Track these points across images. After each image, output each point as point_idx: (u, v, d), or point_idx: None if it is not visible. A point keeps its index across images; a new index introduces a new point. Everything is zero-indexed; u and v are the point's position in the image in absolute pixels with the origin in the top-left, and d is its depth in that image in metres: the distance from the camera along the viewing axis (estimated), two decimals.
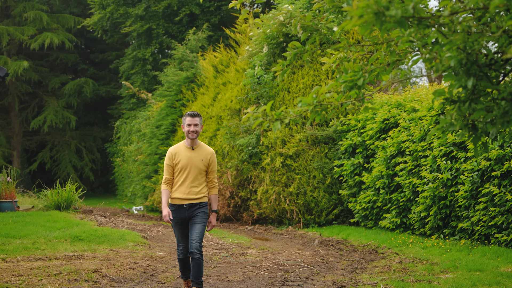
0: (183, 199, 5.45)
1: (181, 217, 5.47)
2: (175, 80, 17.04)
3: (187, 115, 5.54)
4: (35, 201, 13.61)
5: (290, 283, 6.18)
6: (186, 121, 5.53)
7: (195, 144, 5.56)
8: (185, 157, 5.50)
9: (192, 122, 5.51)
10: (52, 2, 27.65)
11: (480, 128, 3.27)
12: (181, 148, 5.58)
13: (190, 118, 5.51)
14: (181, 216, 5.47)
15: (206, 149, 5.59)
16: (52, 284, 5.88)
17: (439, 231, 8.65)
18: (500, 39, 3.05)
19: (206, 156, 5.54)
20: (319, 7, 3.78)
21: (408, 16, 2.66)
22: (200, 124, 5.55)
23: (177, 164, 5.49)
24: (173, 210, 5.48)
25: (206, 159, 5.54)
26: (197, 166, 5.48)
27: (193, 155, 5.50)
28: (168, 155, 5.58)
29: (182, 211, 5.46)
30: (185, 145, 5.59)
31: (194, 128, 5.51)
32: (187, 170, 5.47)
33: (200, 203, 5.50)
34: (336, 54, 3.70)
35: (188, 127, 5.52)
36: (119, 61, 27.01)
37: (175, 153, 5.54)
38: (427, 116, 8.89)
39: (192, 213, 5.46)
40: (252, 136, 12.25)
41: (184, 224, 5.51)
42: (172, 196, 5.51)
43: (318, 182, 11.54)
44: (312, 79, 12.10)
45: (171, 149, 5.61)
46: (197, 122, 5.52)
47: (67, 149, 27.04)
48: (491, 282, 5.81)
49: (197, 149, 5.56)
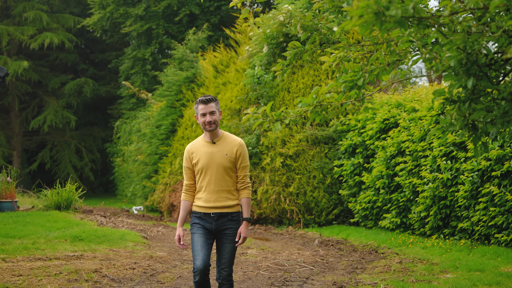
0: (210, 208, 4.29)
1: (206, 226, 4.31)
2: (175, 80, 17.04)
3: (199, 102, 4.28)
4: (35, 201, 13.61)
5: (290, 283, 6.18)
6: (199, 109, 4.28)
7: (215, 136, 4.34)
8: (204, 155, 4.31)
9: (207, 110, 4.25)
10: (52, 2, 27.65)
11: (480, 128, 3.27)
12: (199, 143, 4.40)
13: (203, 105, 4.26)
14: (206, 225, 4.30)
15: (231, 141, 4.36)
16: (52, 284, 5.88)
17: (439, 231, 8.65)
18: (500, 39, 3.05)
19: (231, 149, 4.32)
20: (319, 7, 3.78)
21: (408, 16, 2.66)
22: (217, 111, 4.30)
23: (197, 165, 4.33)
24: (197, 217, 4.34)
25: (232, 153, 4.31)
26: (221, 164, 4.28)
27: (215, 151, 4.31)
28: (185, 155, 4.42)
29: (208, 220, 4.30)
30: (204, 139, 4.39)
31: (210, 117, 4.25)
32: (210, 170, 4.30)
33: (232, 213, 4.30)
34: (336, 53, 3.70)
35: (203, 118, 4.27)
36: (118, 60, 27.00)
37: (192, 151, 4.37)
38: (427, 116, 8.89)
39: (220, 226, 4.28)
40: (252, 136, 12.25)
41: (208, 235, 4.31)
42: (196, 204, 4.37)
43: (318, 182, 11.55)
44: (312, 79, 12.11)
45: (188, 146, 4.43)
46: (213, 108, 4.27)
47: (67, 149, 27.04)
48: (491, 282, 5.81)
49: (219, 142, 4.35)
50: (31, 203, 13.32)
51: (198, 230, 4.28)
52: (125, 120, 23.71)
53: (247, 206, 4.31)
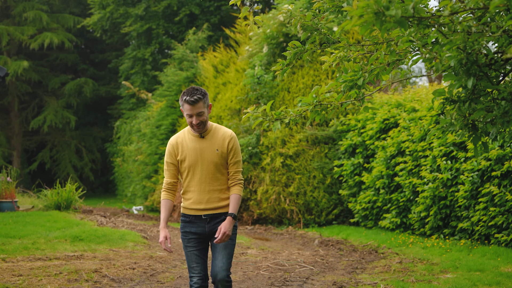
0: (201, 210, 3.88)
1: (198, 231, 3.89)
2: (175, 80, 17.05)
3: (185, 101, 3.77)
4: (35, 201, 13.60)
5: (290, 283, 6.18)
6: (185, 109, 3.81)
7: (204, 130, 3.90)
8: (192, 151, 3.85)
9: (194, 112, 3.78)
10: (52, 2, 27.64)
11: (480, 128, 3.27)
12: (185, 137, 3.91)
13: (189, 106, 3.77)
14: (198, 230, 3.89)
15: (222, 133, 3.90)
16: (52, 284, 5.88)
17: (439, 231, 8.65)
18: (500, 39, 3.05)
19: (222, 143, 3.86)
20: (319, 6, 3.78)
21: (408, 16, 2.66)
22: (206, 110, 3.82)
23: (183, 162, 3.88)
24: (187, 222, 3.92)
25: (223, 148, 3.85)
26: (212, 160, 3.83)
27: (204, 146, 3.85)
28: (168, 149, 3.93)
29: (200, 223, 3.89)
30: (191, 132, 3.91)
31: (197, 119, 3.80)
32: (199, 169, 3.85)
33: (225, 213, 3.90)
34: (336, 53, 3.70)
35: (189, 118, 3.82)
36: (118, 60, 27.01)
37: (177, 146, 3.90)
38: (427, 116, 8.89)
39: (214, 228, 3.89)
40: (252, 136, 12.25)
41: (202, 241, 3.92)
42: (185, 206, 3.93)
43: (318, 182, 11.55)
44: (312, 79, 12.11)
45: (172, 139, 3.94)
46: (201, 109, 3.78)
47: (67, 149, 27.03)
48: (491, 282, 5.81)
49: (208, 136, 3.89)
50: (31, 203, 13.31)
51: (190, 242, 3.88)
52: (125, 120, 23.71)
53: (235, 202, 3.86)
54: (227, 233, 3.77)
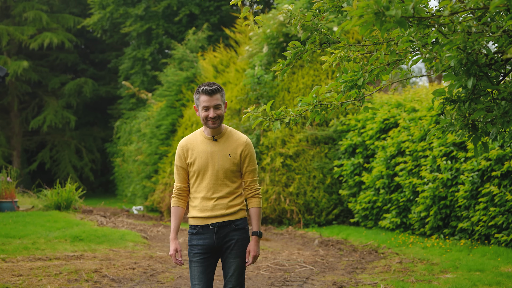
0: (206, 218, 3.54)
1: (205, 243, 3.54)
2: (175, 80, 17.05)
3: (202, 92, 3.48)
4: (35, 201, 13.61)
5: (290, 283, 6.18)
6: (201, 101, 3.50)
7: (218, 132, 3.60)
8: (202, 154, 3.56)
9: (211, 103, 3.48)
10: (52, 2, 27.63)
11: (480, 128, 3.27)
12: (197, 139, 3.63)
13: (206, 97, 3.47)
14: (205, 242, 3.54)
15: (236, 138, 3.61)
16: (52, 284, 5.88)
17: (439, 231, 8.65)
18: (500, 39, 3.05)
19: (236, 149, 3.58)
20: (319, 6, 3.78)
21: (408, 16, 2.66)
22: (223, 103, 3.54)
23: (192, 165, 3.58)
24: (194, 234, 3.58)
25: (236, 154, 3.57)
26: (222, 166, 3.54)
27: (216, 150, 3.56)
28: (178, 151, 3.62)
29: (208, 234, 3.54)
30: (203, 134, 3.63)
31: (215, 112, 3.50)
32: (208, 174, 3.55)
33: (234, 221, 3.55)
34: (336, 53, 3.70)
35: (205, 112, 3.51)
36: (117, 60, 27.01)
37: (187, 148, 3.61)
38: (427, 116, 8.89)
39: (223, 238, 3.54)
40: (252, 136, 12.26)
41: (208, 256, 3.55)
42: (192, 215, 3.60)
43: (318, 182, 11.55)
44: (312, 79, 12.11)
45: (182, 141, 3.64)
46: (218, 101, 3.49)
47: (67, 149, 27.03)
48: (491, 282, 5.81)
49: (222, 139, 3.60)
50: (31, 203, 13.32)
51: (195, 257, 3.54)
52: (125, 120, 23.71)
53: (257, 217, 3.55)
54: (256, 255, 3.55)
